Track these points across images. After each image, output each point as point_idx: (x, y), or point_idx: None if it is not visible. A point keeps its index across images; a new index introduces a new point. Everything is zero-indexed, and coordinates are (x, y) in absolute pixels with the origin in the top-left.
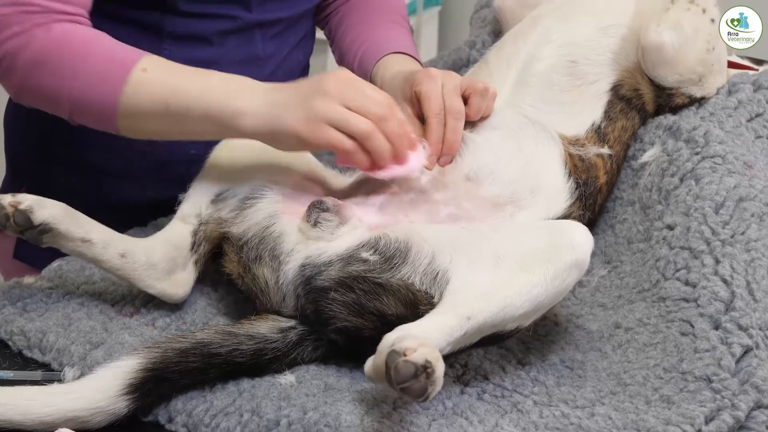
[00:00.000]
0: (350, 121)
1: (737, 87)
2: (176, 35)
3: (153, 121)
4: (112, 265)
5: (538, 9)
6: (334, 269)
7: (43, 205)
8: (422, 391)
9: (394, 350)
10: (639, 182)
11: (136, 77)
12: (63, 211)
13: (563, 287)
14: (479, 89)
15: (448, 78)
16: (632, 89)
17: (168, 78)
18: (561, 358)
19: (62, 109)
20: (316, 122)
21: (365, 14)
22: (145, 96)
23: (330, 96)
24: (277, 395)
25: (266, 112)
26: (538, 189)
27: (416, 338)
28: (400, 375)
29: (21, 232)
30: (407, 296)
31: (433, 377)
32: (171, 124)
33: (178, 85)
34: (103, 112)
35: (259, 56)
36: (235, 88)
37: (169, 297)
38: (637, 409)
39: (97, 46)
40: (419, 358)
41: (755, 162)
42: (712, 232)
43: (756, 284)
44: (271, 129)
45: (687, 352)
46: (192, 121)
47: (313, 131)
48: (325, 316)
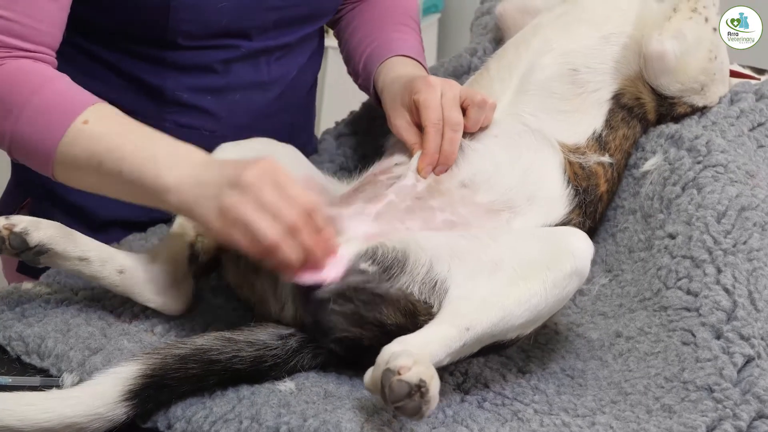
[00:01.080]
0: (258, 229)
1: (739, 96)
2: (179, 66)
3: (86, 175)
4: (111, 282)
5: (539, 17)
6: (333, 281)
7: (38, 227)
8: (416, 411)
9: (389, 369)
10: (640, 191)
11: (75, 128)
12: (59, 231)
13: (563, 295)
14: (477, 101)
15: (448, 87)
16: (634, 98)
17: (106, 135)
18: (561, 367)
19: (2, 143)
20: (226, 219)
21: (375, 15)
22: (81, 149)
23: (245, 192)
24: (277, 402)
25: (188, 192)
26: (536, 196)
27: (411, 356)
28: (394, 394)
29: (17, 254)
30: (406, 306)
31: (427, 396)
32: (102, 183)
33: (116, 146)
34: (41, 156)
35: (265, 81)
36: (170, 160)
37: (169, 310)
38: (638, 419)
39: (49, 88)
40: (413, 377)
41: (757, 171)
42: (714, 241)
43: (758, 294)
44: (190, 211)
45: (688, 361)
46: (122, 184)
47: (222, 228)
48: (324, 327)
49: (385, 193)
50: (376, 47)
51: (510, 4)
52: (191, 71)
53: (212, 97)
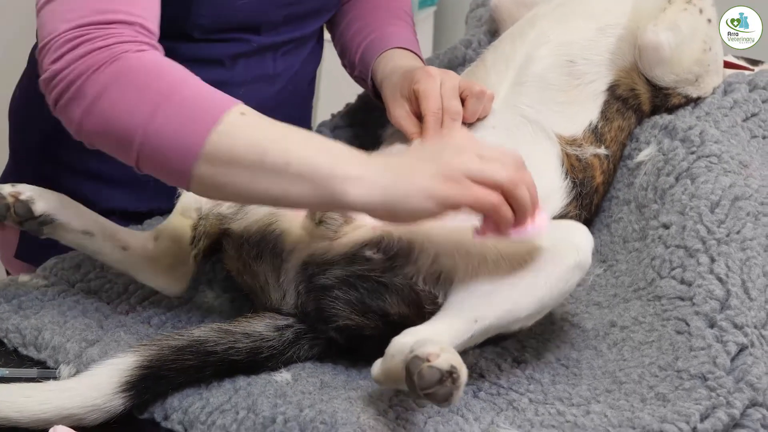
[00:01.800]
0: (494, 170)
1: (733, 87)
2: (188, 58)
3: (241, 172)
4: (113, 258)
5: (535, 9)
6: (338, 268)
7: (44, 197)
8: (447, 396)
9: (417, 356)
10: (635, 181)
11: (232, 118)
12: (64, 203)
13: (567, 288)
14: (476, 92)
15: (447, 77)
16: (629, 89)
17: (270, 127)
18: (556, 357)
19: (132, 145)
20: (453, 178)
21: (369, 9)
22: (241, 140)
23: (465, 150)
24: (273, 393)
25: (379, 178)
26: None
27: (436, 343)
28: (425, 381)
29: (21, 223)
30: (410, 296)
31: (459, 382)
32: (260, 179)
33: (281, 136)
34: (182, 154)
35: (270, 74)
36: (347, 154)
37: (168, 290)
38: (632, 407)
39: (190, 82)
40: (444, 364)
41: (751, 161)
42: (708, 230)
43: (751, 283)
44: (389, 197)
45: (682, 350)
46: (287, 180)
47: (453, 188)
48: (327, 314)
49: None
50: (373, 39)
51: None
52: (200, 64)
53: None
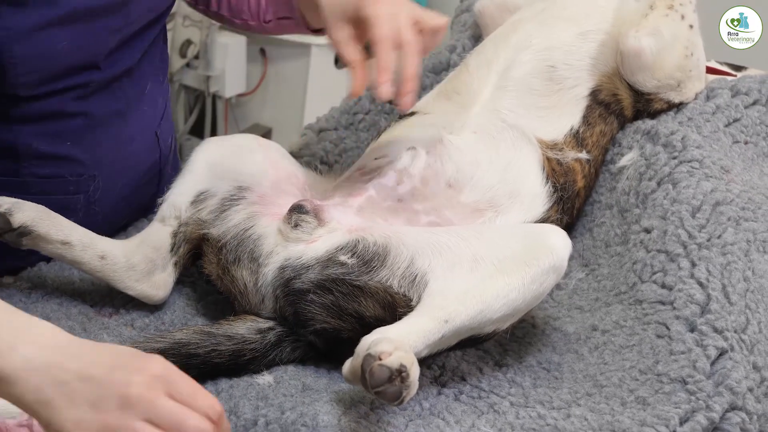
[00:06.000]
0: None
1: (715, 92)
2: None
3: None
4: (92, 267)
5: (518, 14)
6: (313, 272)
7: (21, 208)
8: (397, 395)
9: (370, 354)
10: (617, 186)
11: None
12: (42, 214)
13: (541, 291)
14: (432, 26)
15: (401, 5)
16: (611, 94)
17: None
18: (538, 360)
19: None
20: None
21: None
22: None
23: (132, 408)
24: (255, 395)
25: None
26: (517, 193)
27: (391, 342)
28: (375, 379)
29: (0, 235)
30: (385, 299)
31: (408, 381)
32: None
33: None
34: None
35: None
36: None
37: (148, 298)
38: (612, 411)
39: None
40: (394, 362)
41: (732, 167)
42: (689, 235)
43: (731, 287)
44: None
45: (663, 354)
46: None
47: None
48: (304, 318)
49: (365, 187)
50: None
51: (489, 1)
52: (43, 120)
53: (72, 141)
